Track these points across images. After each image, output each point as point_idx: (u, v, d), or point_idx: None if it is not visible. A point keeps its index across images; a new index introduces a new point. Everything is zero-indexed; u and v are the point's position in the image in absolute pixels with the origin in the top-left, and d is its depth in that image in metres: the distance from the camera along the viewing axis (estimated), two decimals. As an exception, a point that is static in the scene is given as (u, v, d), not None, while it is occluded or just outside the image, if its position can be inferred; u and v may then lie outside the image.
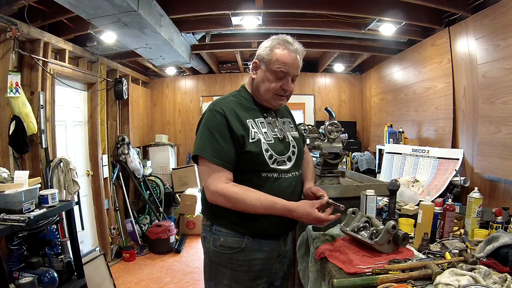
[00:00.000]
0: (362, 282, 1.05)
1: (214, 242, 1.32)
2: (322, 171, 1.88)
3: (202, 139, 1.26)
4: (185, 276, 3.41)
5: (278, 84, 1.30)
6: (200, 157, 1.26)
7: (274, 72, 1.29)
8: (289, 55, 1.28)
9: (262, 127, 1.32)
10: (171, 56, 3.57)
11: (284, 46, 1.28)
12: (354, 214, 1.45)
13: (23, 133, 2.43)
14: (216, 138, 1.24)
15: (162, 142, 5.14)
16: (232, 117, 1.26)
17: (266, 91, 1.32)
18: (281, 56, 1.27)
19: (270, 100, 1.34)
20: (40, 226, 2.13)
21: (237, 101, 1.34)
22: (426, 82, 3.19)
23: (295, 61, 1.29)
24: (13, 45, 2.44)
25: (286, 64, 1.28)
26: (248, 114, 1.31)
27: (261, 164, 1.27)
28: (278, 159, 1.30)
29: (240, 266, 1.30)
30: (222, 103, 1.30)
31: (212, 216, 1.35)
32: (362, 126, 5.30)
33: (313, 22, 3.12)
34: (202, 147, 1.25)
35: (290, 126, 1.48)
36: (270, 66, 1.29)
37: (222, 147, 1.23)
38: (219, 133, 1.24)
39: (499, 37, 2.16)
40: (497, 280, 0.98)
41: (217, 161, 1.22)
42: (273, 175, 1.29)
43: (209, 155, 1.23)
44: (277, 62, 1.27)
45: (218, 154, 1.23)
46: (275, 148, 1.30)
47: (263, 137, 1.29)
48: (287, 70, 1.29)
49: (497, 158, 2.19)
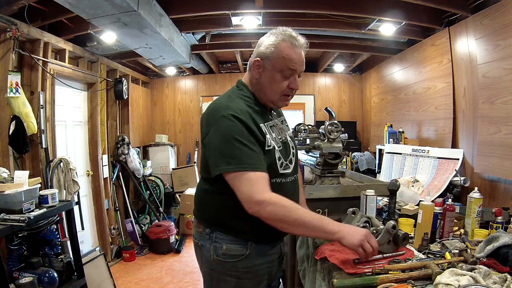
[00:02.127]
0: (362, 282, 1.05)
1: (216, 251, 1.23)
2: (322, 171, 1.88)
3: (227, 150, 1.11)
4: (185, 276, 3.41)
5: (286, 83, 1.21)
6: (228, 171, 1.11)
7: (281, 71, 1.19)
8: (295, 51, 1.19)
9: (272, 131, 1.25)
10: (171, 56, 3.57)
11: (290, 42, 1.18)
12: (354, 214, 1.45)
13: (23, 133, 2.43)
14: (244, 144, 1.11)
15: (162, 142, 5.14)
16: (250, 122, 1.16)
17: (273, 92, 1.23)
18: (288, 54, 1.17)
19: (277, 101, 1.26)
20: (40, 226, 2.13)
21: (248, 105, 1.22)
22: (426, 82, 3.19)
23: (301, 56, 1.21)
24: (13, 45, 2.44)
25: (293, 61, 1.18)
26: (259, 118, 1.22)
27: (273, 173, 1.20)
28: (284, 164, 1.26)
29: (245, 273, 1.24)
30: (234, 107, 1.17)
31: (213, 222, 1.26)
32: (362, 126, 5.30)
33: (313, 22, 3.12)
34: (229, 159, 1.10)
35: (286, 125, 1.42)
36: (276, 65, 1.19)
37: (255, 152, 1.12)
38: (245, 138, 1.12)
39: (499, 37, 2.16)
40: (497, 280, 0.98)
41: (253, 166, 1.10)
42: (281, 180, 1.25)
43: (247, 165, 1.09)
44: (284, 60, 1.18)
45: (254, 161, 1.11)
46: (284, 154, 1.26)
47: (275, 143, 1.22)
48: (294, 67, 1.19)
49: (497, 158, 2.19)
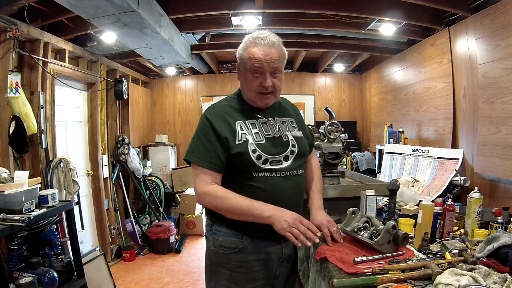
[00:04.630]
0: (362, 282, 1.05)
1: (214, 242, 1.33)
2: (322, 171, 1.88)
3: (191, 143, 1.34)
4: (185, 276, 3.40)
5: (257, 81, 1.29)
6: (190, 161, 1.32)
7: (249, 71, 1.29)
8: (261, 50, 1.26)
9: (253, 128, 1.33)
10: (171, 56, 3.57)
11: (255, 43, 1.28)
12: (354, 214, 1.45)
13: (23, 133, 2.43)
14: (202, 141, 1.29)
15: (162, 142, 5.14)
16: (218, 121, 1.30)
17: (248, 91, 1.35)
18: (252, 53, 1.27)
19: (255, 99, 1.35)
20: (40, 226, 2.13)
21: (229, 105, 1.37)
22: (426, 82, 3.19)
23: (269, 54, 1.26)
24: (13, 45, 2.44)
25: (259, 60, 1.26)
26: (238, 116, 1.34)
27: (249, 165, 1.28)
28: (270, 159, 1.29)
29: (237, 266, 1.30)
30: (211, 109, 1.37)
31: (212, 215, 1.36)
32: (362, 126, 5.30)
33: (313, 22, 3.12)
34: (189, 151, 1.32)
35: (292, 125, 1.45)
36: (245, 65, 1.31)
37: (207, 149, 1.28)
38: (205, 136, 1.29)
39: (499, 37, 2.16)
40: (497, 280, 0.98)
41: (203, 163, 1.27)
42: (265, 174, 1.28)
43: (195, 158, 1.29)
44: (250, 59, 1.28)
45: (203, 157, 1.28)
46: (266, 148, 1.30)
47: (252, 138, 1.30)
48: (260, 65, 1.27)
49: (497, 158, 2.19)
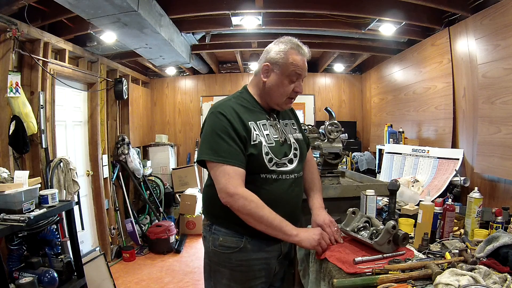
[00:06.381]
0: (362, 282, 1.05)
1: (214, 242, 1.33)
2: (322, 171, 1.89)
3: (210, 142, 1.26)
4: (185, 276, 3.41)
5: (292, 86, 1.34)
6: (210, 161, 1.25)
7: (288, 76, 1.32)
8: (302, 58, 1.33)
9: (265, 129, 1.33)
10: (171, 56, 3.57)
11: (297, 51, 1.33)
12: (354, 214, 1.45)
13: (23, 133, 2.43)
14: (225, 140, 1.24)
15: (162, 142, 5.14)
16: (235, 119, 1.27)
17: (280, 95, 1.35)
18: (295, 60, 1.31)
19: (282, 103, 1.37)
20: (40, 226, 2.13)
21: (239, 103, 1.35)
22: (426, 82, 3.19)
23: (305, 63, 1.36)
24: (13, 45, 2.44)
25: (300, 67, 1.32)
26: (250, 116, 1.32)
27: (260, 167, 1.28)
28: (278, 162, 1.31)
29: (238, 266, 1.31)
30: (223, 106, 1.31)
31: (212, 216, 1.37)
32: (362, 126, 5.30)
33: (313, 22, 3.12)
34: (212, 151, 1.24)
35: (293, 128, 1.48)
36: (285, 70, 1.31)
37: (232, 147, 1.24)
38: (226, 134, 1.24)
39: (499, 37, 2.16)
40: (497, 280, 0.98)
41: (231, 161, 1.22)
42: (272, 176, 1.29)
43: (222, 158, 1.22)
44: (292, 65, 1.31)
45: (230, 155, 1.23)
46: (275, 151, 1.31)
47: (265, 139, 1.30)
48: (300, 72, 1.33)
49: (497, 158, 2.19)
